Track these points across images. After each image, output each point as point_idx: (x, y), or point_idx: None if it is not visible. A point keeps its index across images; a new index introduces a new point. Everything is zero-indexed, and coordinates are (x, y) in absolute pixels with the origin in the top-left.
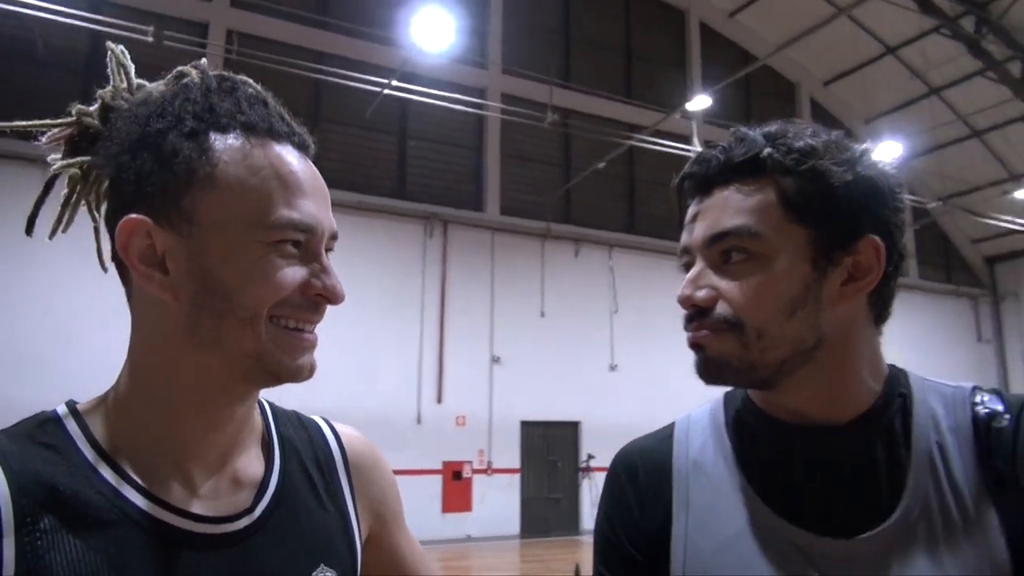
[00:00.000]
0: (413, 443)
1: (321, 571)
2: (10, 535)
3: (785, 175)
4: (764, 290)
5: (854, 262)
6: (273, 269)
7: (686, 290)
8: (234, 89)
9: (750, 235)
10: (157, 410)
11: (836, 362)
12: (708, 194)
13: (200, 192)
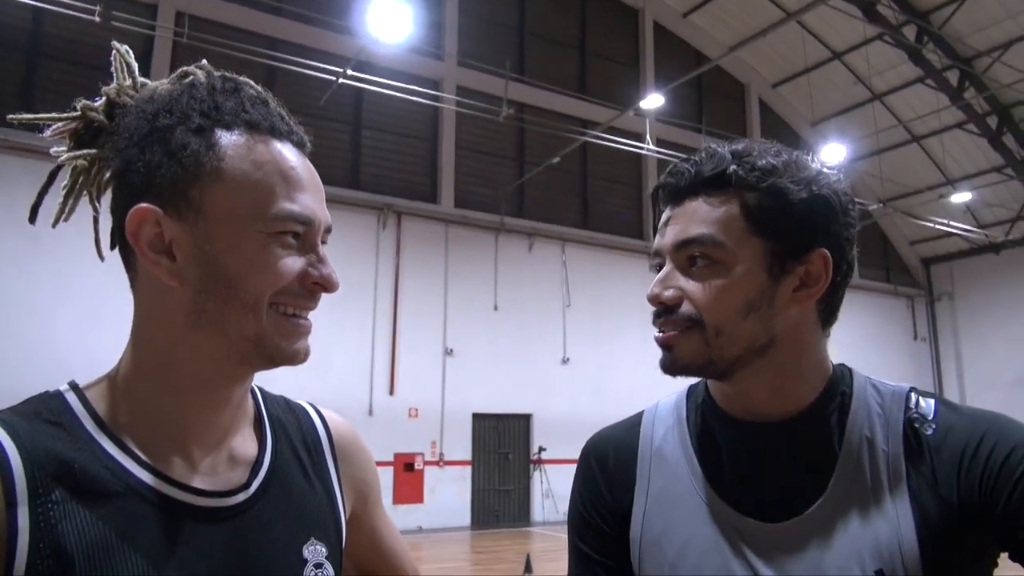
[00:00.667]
0: (365, 434)
1: (312, 543)
2: (24, 505)
3: (748, 190)
4: (723, 293)
5: (805, 271)
6: (274, 258)
7: (655, 289)
8: (238, 89)
9: (713, 243)
10: (160, 389)
11: (785, 360)
12: (679, 203)
13: (207, 184)
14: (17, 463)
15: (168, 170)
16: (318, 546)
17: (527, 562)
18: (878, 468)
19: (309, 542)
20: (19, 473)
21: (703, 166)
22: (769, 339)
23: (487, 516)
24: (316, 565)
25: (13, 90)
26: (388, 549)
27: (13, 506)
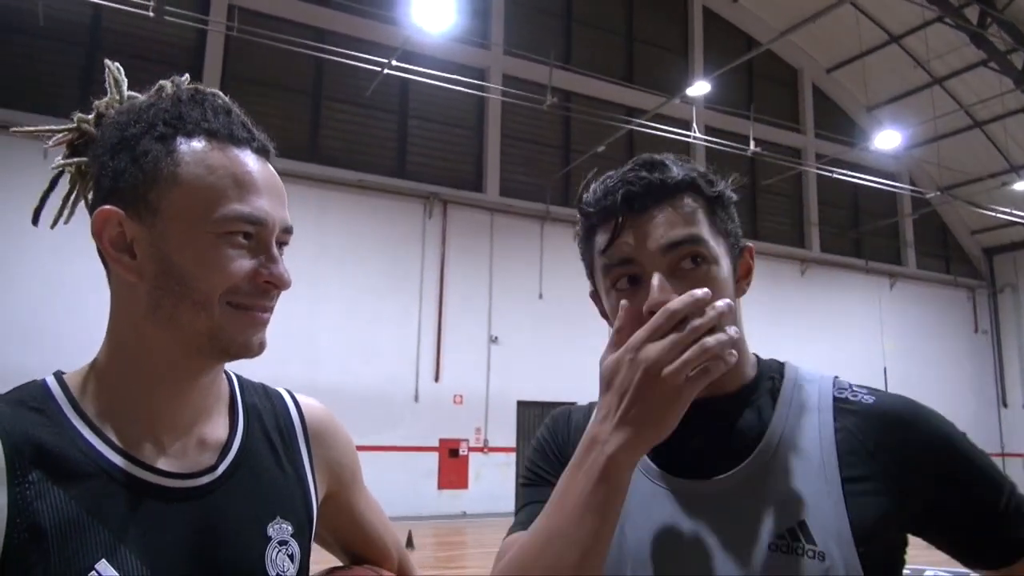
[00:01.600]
0: (410, 420)
1: (277, 522)
2: (3, 485)
3: (703, 196)
4: (720, 287)
5: (743, 265)
6: (225, 259)
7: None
8: (203, 100)
9: (701, 241)
10: (128, 378)
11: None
12: (643, 212)
13: (164, 188)
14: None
15: (131, 175)
16: (284, 524)
17: None
18: (807, 436)
19: (275, 521)
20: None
21: (661, 174)
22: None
23: None
24: (280, 542)
25: (73, 83)
26: (370, 528)
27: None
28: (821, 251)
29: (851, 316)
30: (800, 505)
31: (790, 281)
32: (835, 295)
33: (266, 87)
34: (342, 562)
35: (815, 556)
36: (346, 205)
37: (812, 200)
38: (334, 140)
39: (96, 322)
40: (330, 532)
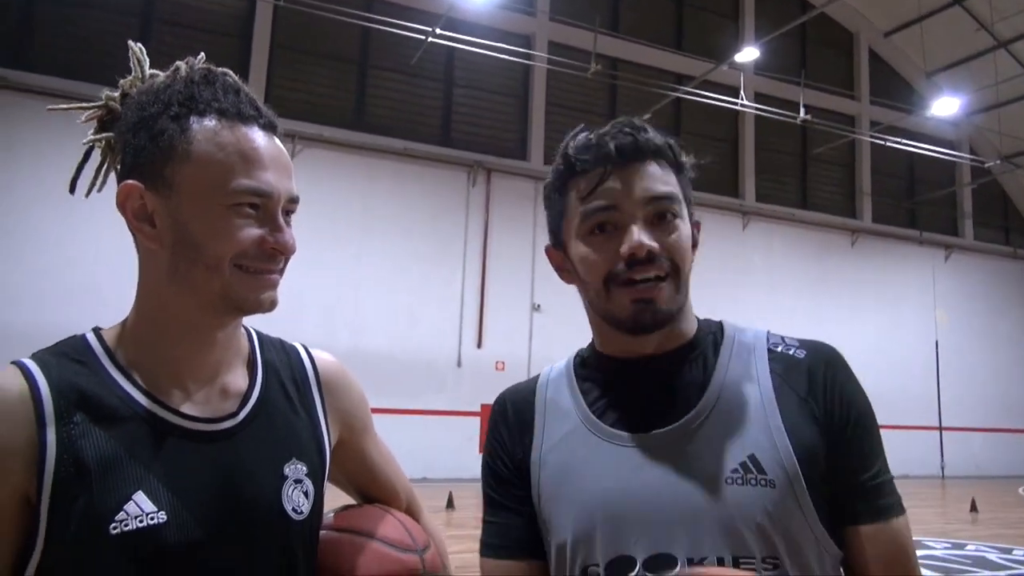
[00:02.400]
0: (453, 385)
1: (292, 463)
2: (51, 426)
3: (675, 162)
4: (687, 243)
5: (695, 233)
6: (233, 228)
7: (644, 240)
8: (214, 80)
9: (677, 200)
10: (155, 334)
11: (684, 314)
12: (630, 164)
13: (178, 164)
14: (46, 392)
15: (149, 152)
16: (299, 465)
17: None
18: (747, 380)
19: (290, 461)
20: (47, 400)
21: (649, 135)
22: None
23: None
24: (296, 481)
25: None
26: (380, 473)
27: (43, 426)
28: (873, 221)
29: (903, 288)
30: (748, 441)
31: (840, 252)
32: (887, 267)
33: (314, 56)
34: (356, 501)
35: (767, 484)
36: (392, 173)
37: (865, 169)
38: (380, 108)
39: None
40: (344, 475)
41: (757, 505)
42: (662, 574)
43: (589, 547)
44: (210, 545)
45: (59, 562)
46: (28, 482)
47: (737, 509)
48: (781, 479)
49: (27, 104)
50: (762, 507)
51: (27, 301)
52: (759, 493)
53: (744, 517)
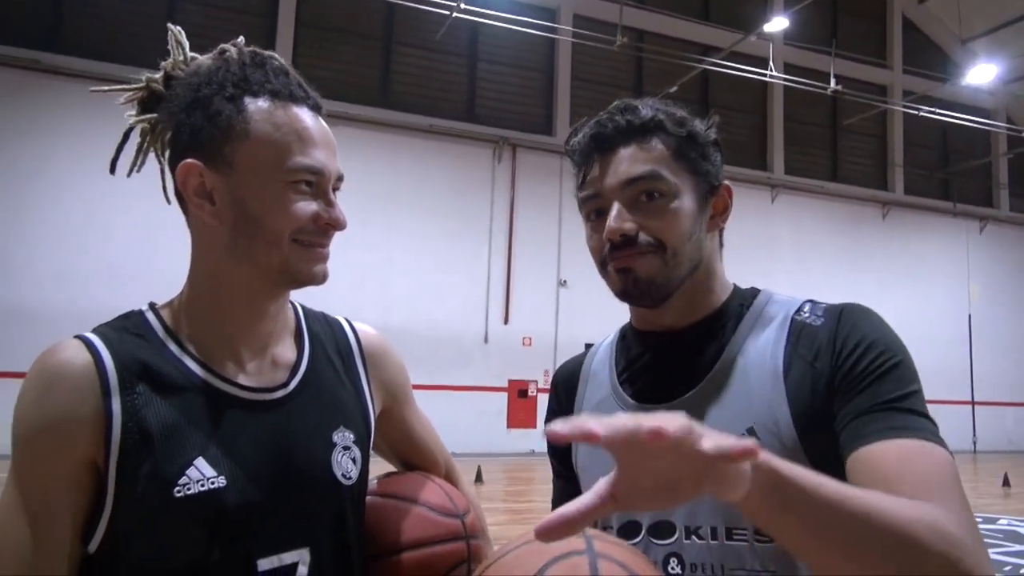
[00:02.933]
0: (480, 361)
1: (340, 431)
2: (116, 396)
3: (671, 136)
4: (676, 219)
5: (717, 201)
6: (291, 203)
7: (614, 224)
8: (264, 63)
9: (662, 178)
10: (211, 308)
11: (704, 280)
12: (612, 151)
13: (237, 143)
14: (110, 364)
15: (207, 132)
16: (346, 433)
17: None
18: (760, 352)
19: (338, 429)
20: (112, 372)
21: (631, 116)
22: (698, 260)
23: None
24: (344, 448)
25: (157, 33)
26: (419, 439)
27: (108, 396)
28: (905, 193)
29: (935, 261)
30: (749, 413)
31: (871, 224)
32: (919, 239)
33: (338, 33)
34: (397, 469)
35: None
36: (417, 150)
37: (897, 140)
38: (405, 85)
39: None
40: (387, 443)
41: None
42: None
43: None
44: (266, 507)
45: (127, 523)
46: (96, 449)
47: None
48: (778, 452)
49: (58, 86)
50: None
51: (67, 280)
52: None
53: None
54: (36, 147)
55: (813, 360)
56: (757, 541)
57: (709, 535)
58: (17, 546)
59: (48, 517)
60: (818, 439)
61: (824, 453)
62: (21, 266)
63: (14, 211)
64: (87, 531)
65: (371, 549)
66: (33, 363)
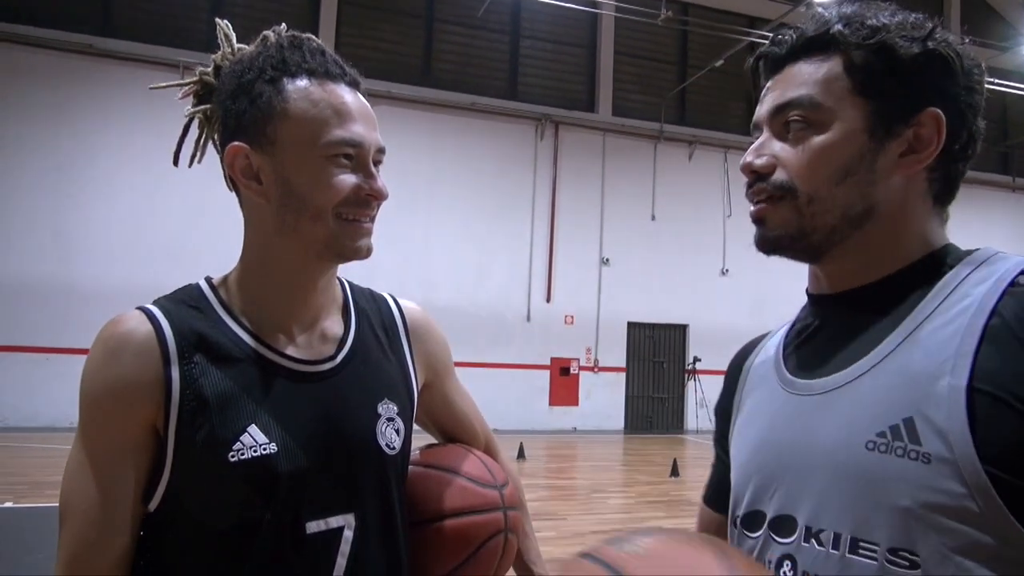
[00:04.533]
0: (522, 339)
1: (385, 402)
2: (175, 364)
3: (853, 49)
4: (817, 156)
5: (915, 134)
6: (332, 177)
7: (748, 157)
8: (301, 44)
9: (811, 104)
10: (261, 281)
11: (884, 233)
12: (780, 70)
13: (279, 122)
14: (170, 334)
15: (250, 114)
16: (391, 404)
17: (674, 465)
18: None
19: (383, 401)
20: (171, 341)
21: (807, 28)
22: (866, 208)
23: (640, 422)
24: (388, 419)
25: (204, 15)
26: (460, 413)
27: (168, 364)
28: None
29: (992, 237)
30: (913, 400)
31: None
32: (977, 215)
33: (380, 11)
34: (438, 441)
35: (918, 457)
36: (459, 128)
37: None
38: (447, 63)
39: (230, 242)
40: (428, 416)
41: (901, 481)
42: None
43: (740, 497)
44: (314, 473)
45: (185, 484)
46: (157, 413)
47: (872, 482)
48: (940, 454)
49: (111, 70)
50: (908, 485)
51: (122, 259)
52: (906, 467)
53: (878, 493)
54: (91, 129)
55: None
56: (888, 562)
57: (831, 542)
58: (85, 504)
59: (112, 476)
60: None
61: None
62: (78, 246)
63: (71, 193)
64: (148, 491)
65: (412, 516)
66: (98, 333)
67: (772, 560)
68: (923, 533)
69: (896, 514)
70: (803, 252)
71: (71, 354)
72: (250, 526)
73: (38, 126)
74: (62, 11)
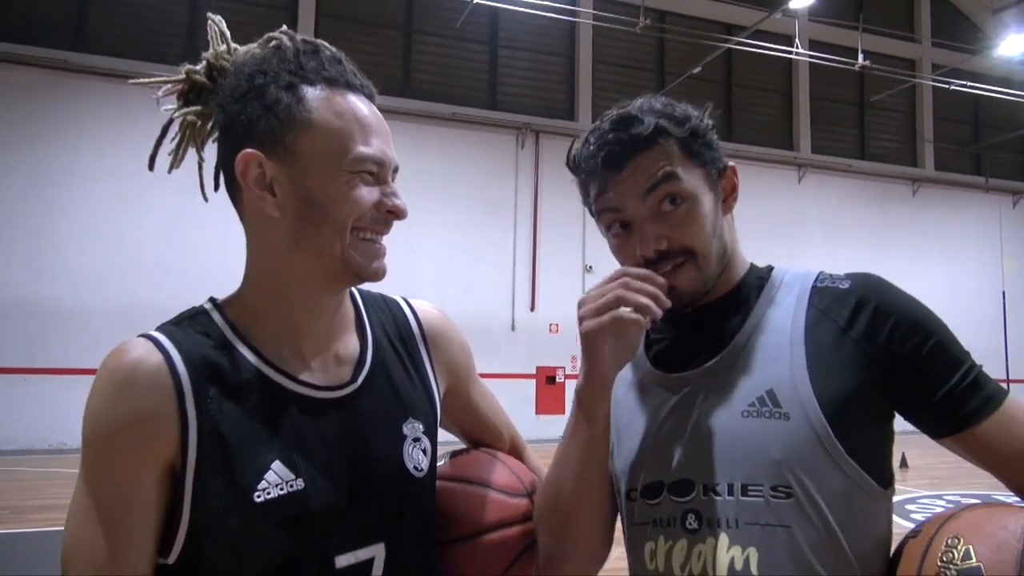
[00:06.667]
0: (508, 349)
1: (410, 422)
2: (191, 398)
3: (679, 134)
4: (699, 221)
5: (725, 184)
6: (356, 191)
7: (648, 245)
8: (317, 51)
9: (675, 178)
10: (272, 304)
11: (729, 263)
12: (621, 168)
13: (300, 132)
14: (182, 367)
15: (266, 121)
16: (415, 423)
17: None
18: (780, 320)
19: (407, 421)
20: (184, 373)
21: (635, 129)
22: (725, 249)
23: None
24: (414, 439)
25: (180, 29)
26: (483, 415)
27: (183, 399)
28: (936, 169)
29: (967, 237)
30: (769, 376)
31: (900, 202)
32: (950, 215)
33: (359, 24)
34: (461, 441)
35: (780, 417)
36: (440, 139)
37: (927, 115)
38: (426, 74)
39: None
40: (450, 419)
41: (771, 437)
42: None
43: (637, 474)
44: (344, 506)
45: (207, 532)
46: (174, 452)
47: (750, 440)
48: (797, 413)
49: (86, 85)
50: (776, 439)
51: (100, 278)
52: (773, 425)
53: (757, 448)
54: (66, 145)
55: (845, 325)
56: (772, 497)
57: (726, 491)
58: (92, 555)
59: (126, 522)
60: (846, 411)
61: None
62: (54, 265)
63: (46, 209)
64: (165, 541)
65: (444, 534)
66: (102, 364)
67: (676, 517)
68: (791, 472)
69: (771, 462)
70: (699, 300)
71: (53, 375)
72: (278, 568)
73: (11, 142)
74: (35, 26)
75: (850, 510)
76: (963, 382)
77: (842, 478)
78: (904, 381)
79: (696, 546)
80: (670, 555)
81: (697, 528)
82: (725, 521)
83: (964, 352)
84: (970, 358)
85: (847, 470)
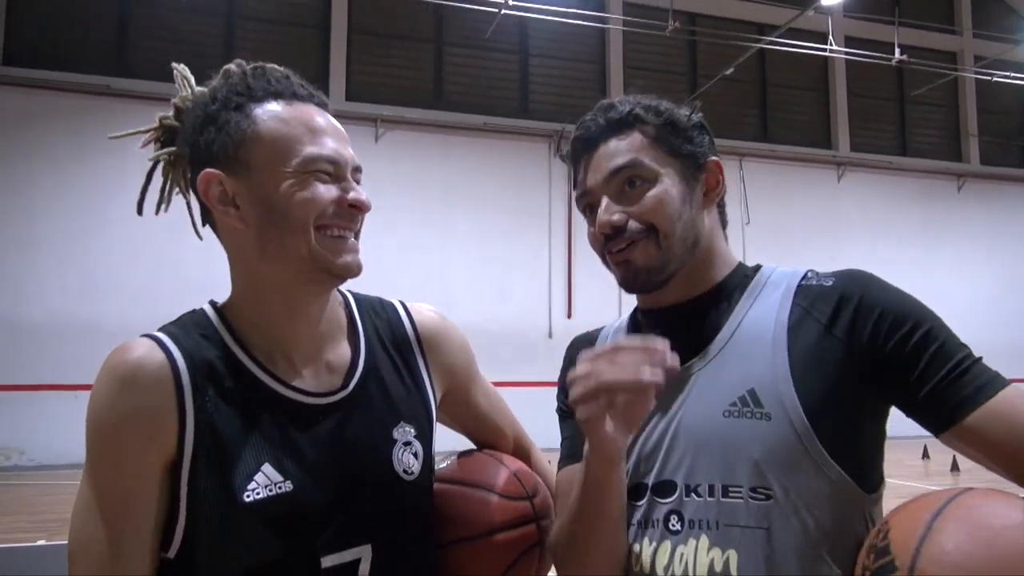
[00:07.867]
0: (545, 356)
1: (401, 426)
2: (190, 396)
3: (649, 125)
4: (661, 201)
5: (707, 179)
6: (312, 189)
7: (603, 217)
8: (264, 72)
9: (639, 164)
10: (257, 313)
11: (704, 258)
12: (594, 149)
13: (250, 145)
14: (183, 365)
15: (219, 142)
16: (407, 428)
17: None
18: (764, 319)
19: (399, 425)
20: (184, 372)
21: (609, 114)
22: (695, 237)
23: None
24: (405, 443)
25: (217, 51)
26: (486, 415)
27: (182, 396)
28: (981, 164)
29: (1016, 234)
30: (751, 376)
31: (944, 199)
32: (998, 211)
33: (390, 39)
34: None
35: (762, 417)
36: (472, 149)
37: (970, 108)
38: (457, 85)
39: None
40: (452, 420)
41: (751, 437)
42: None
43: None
44: (331, 508)
45: (201, 527)
46: (173, 448)
47: (731, 440)
48: (778, 413)
49: (128, 108)
50: (756, 440)
51: (147, 295)
52: (754, 425)
53: (737, 448)
54: (114, 167)
55: (828, 323)
56: (752, 498)
57: (707, 492)
58: (96, 548)
59: (127, 517)
60: (829, 409)
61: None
62: (104, 283)
63: (97, 230)
64: (165, 536)
65: (443, 537)
66: (105, 362)
67: (659, 518)
68: (771, 474)
69: (751, 463)
70: (660, 282)
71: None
72: (265, 566)
73: (63, 166)
74: (78, 54)
75: (831, 513)
76: (952, 374)
77: (823, 480)
78: (894, 376)
79: (679, 548)
80: (654, 558)
81: (680, 530)
82: (706, 523)
83: (958, 344)
84: (965, 349)
85: (828, 472)
